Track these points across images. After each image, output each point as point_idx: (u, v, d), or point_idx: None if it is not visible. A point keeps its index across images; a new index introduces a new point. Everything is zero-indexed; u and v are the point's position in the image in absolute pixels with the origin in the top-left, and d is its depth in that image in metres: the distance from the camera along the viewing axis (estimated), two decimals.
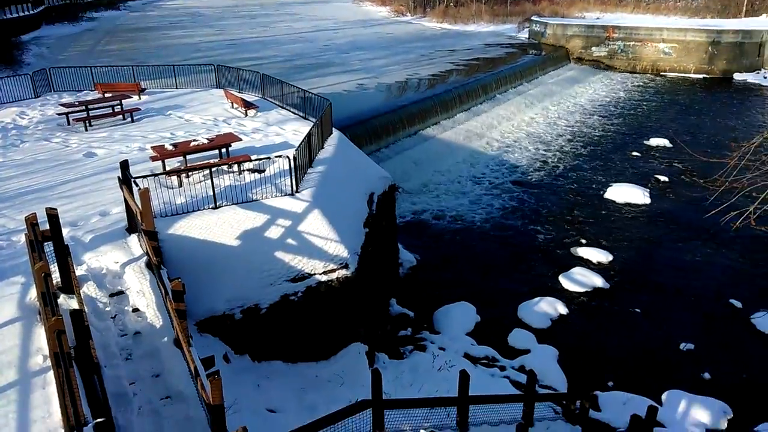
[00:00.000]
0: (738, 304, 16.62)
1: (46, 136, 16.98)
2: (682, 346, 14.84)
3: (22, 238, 10.13)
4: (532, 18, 61.31)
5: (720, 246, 20.00)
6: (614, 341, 15.15)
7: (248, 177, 13.32)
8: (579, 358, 14.35)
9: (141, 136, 16.89)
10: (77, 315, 7.06)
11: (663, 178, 26.38)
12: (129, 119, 18.71)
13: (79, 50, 45.60)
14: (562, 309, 16.31)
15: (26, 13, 53.60)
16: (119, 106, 19.21)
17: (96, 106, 18.78)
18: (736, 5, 62.25)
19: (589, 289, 17.38)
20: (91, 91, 22.06)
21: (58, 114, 18.76)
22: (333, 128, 17.25)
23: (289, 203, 12.11)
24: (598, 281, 17.66)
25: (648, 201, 23.72)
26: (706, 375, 13.82)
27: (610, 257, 19.22)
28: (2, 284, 9.29)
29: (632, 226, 21.79)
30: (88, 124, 17.94)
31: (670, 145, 30.86)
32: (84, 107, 18.45)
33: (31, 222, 8.99)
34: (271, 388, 10.49)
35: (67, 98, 21.06)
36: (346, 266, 11.71)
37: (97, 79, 22.51)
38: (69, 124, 18.10)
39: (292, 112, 19.12)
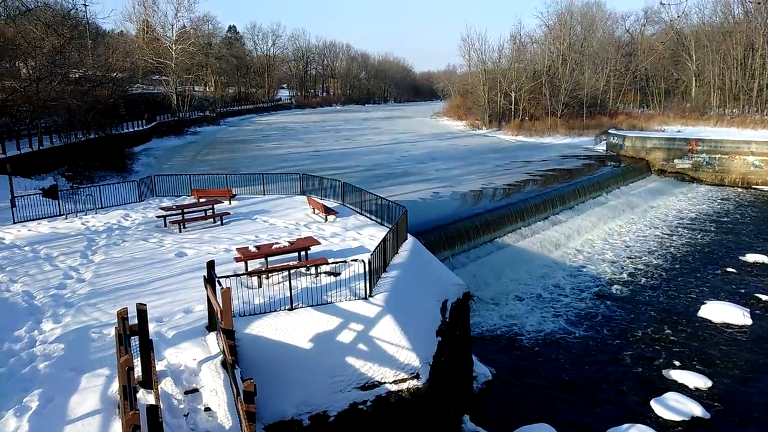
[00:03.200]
0: None
1: (144, 237, 18.40)
2: None
3: (112, 331, 10.67)
4: (610, 131, 61.57)
5: None
6: None
7: (324, 280, 13.58)
8: None
9: (228, 238, 17.90)
10: (153, 411, 7.19)
11: (764, 297, 24.20)
12: (219, 222, 20.00)
13: (181, 160, 50.40)
14: None
15: (140, 128, 60.63)
16: (211, 210, 20.66)
17: (190, 210, 20.33)
18: None
19: (686, 418, 15.62)
20: (188, 196, 24.01)
21: (157, 216, 20.41)
22: (408, 234, 17.52)
23: (362, 307, 12.13)
24: (696, 409, 15.88)
25: (749, 322, 21.68)
26: None
27: (709, 383, 17.38)
28: (89, 375, 9.70)
29: (732, 349, 19.81)
30: (182, 227, 19.33)
31: None
32: (180, 211, 20.02)
33: (122, 316, 9.51)
34: None
35: (166, 202, 22.98)
36: (417, 376, 11.32)
37: (194, 185, 24.56)
38: (166, 226, 19.59)
39: (370, 218, 19.73)
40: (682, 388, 17.19)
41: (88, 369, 9.88)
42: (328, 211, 20.09)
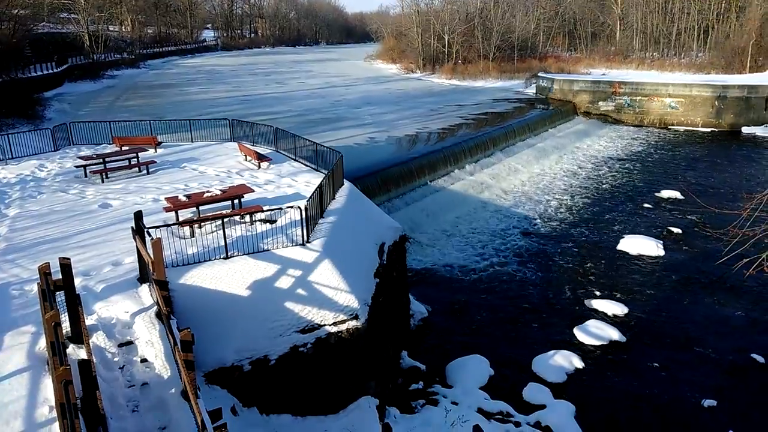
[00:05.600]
0: (761, 359, 16.12)
1: (63, 188, 17.34)
2: (704, 402, 14.32)
3: (35, 287, 10.17)
4: (539, 74, 62.85)
5: (738, 297, 19.61)
6: (633, 396, 14.66)
7: (260, 227, 13.42)
8: (597, 414, 13.87)
9: (156, 188, 17.19)
10: (85, 365, 7.01)
11: (676, 230, 26.20)
12: (145, 171, 19.10)
13: (99, 106, 47.18)
14: (578, 363, 15.90)
15: (50, 71, 55.88)
16: (135, 159, 19.65)
17: (113, 159, 19.25)
18: (740, 61, 63.47)
19: (605, 342, 16.99)
20: (109, 144, 22.66)
21: (76, 166, 19.21)
22: (344, 180, 17.47)
23: (300, 253, 12.14)
24: (614, 334, 17.28)
25: (662, 252, 23.49)
26: None
27: (626, 309, 18.88)
28: (13, 333, 9.27)
29: (647, 278, 21.49)
30: (104, 177, 18.32)
31: (682, 197, 30.83)
32: (101, 160, 18.91)
33: (44, 271, 9.06)
34: None
35: (85, 151, 21.63)
36: (356, 317, 11.59)
37: (115, 133, 23.15)
38: (86, 176, 18.51)
39: (305, 165, 19.45)
40: (601, 316, 18.58)
41: (11, 327, 9.43)
42: (261, 158, 19.60)
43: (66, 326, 9.12)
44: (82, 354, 8.56)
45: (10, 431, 7.32)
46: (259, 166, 19.46)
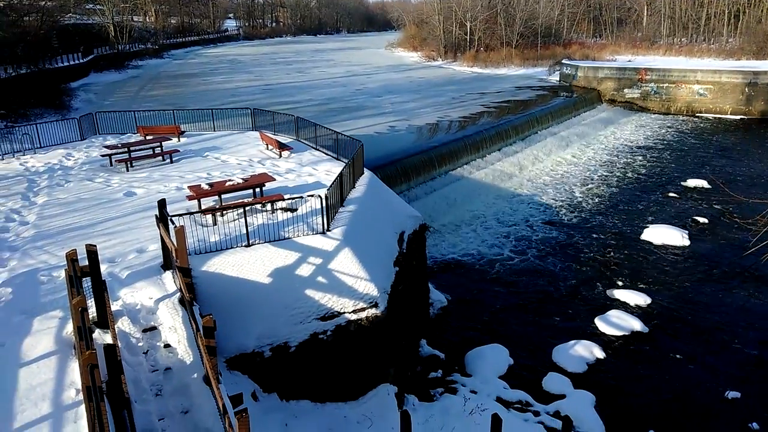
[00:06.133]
0: None
1: (89, 177, 17.69)
2: (727, 393, 14.08)
3: (62, 273, 10.44)
4: (563, 61, 61.75)
5: (763, 288, 19.17)
6: (655, 387, 14.49)
7: (281, 216, 13.53)
8: (617, 404, 13.75)
9: (179, 177, 17.43)
10: (110, 350, 7.19)
11: (702, 220, 25.67)
12: (168, 160, 19.37)
13: (124, 96, 47.87)
14: (599, 353, 15.76)
15: (76, 62, 56.81)
16: (159, 148, 19.94)
17: (137, 148, 19.56)
18: None
19: (626, 333, 16.79)
20: (134, 134, 23.02)
21: (102, 156, 19.58)
22: (364, 168, 17.48)
23: (320, 241, 12.22)
24: (636, 324, 17.06)
25: (687, 243, 23.05)
26: (755, 425, 13.02)
27: (648, 300, 18.61)
28: (41, 318, 9.54)
29: (671, 268, 21.12)
30: (129, 165, 18.64)
31: (709, 186, 30.14)
32: (126, 149, 19.23)
33: (71, 258, 9.28)
34: (299, 428, 10.35)
35: (110, 141, 22.02)
36: (375, 305, 11.64)
37: (139, 122, 23.51)
38: (111, 165, 18.85)
39: (325, 154, 19.50)
40: (624, 306, 18.36)
41: (40, 312, 9.70)
42: (282, 147, 19.71)
43: (92, 311, 9.35)
44: (108, 339, 8.78)
45: (38, 412, 7.55)
46: (281, 155, 19.57)
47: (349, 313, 11.42)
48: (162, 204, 11.57)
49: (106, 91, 50.42)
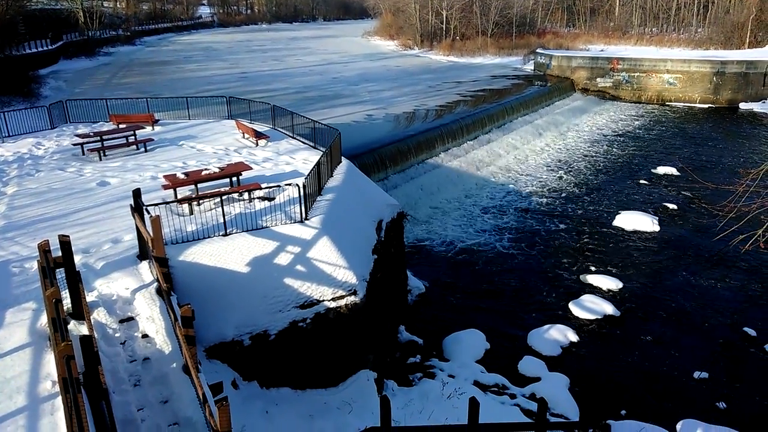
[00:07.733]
0: (752, 332, 16.36)
1: (60, 166, 17.33)
2: (695, 374, 14.59)
3: (35, 264, 10.27)
4: (537, 50, 62.23)
5: (732, 273, 19.82)
6: (626, 369, 14.93)
7: (258, 205, 13.48)
8: (591, 386, 14.14)
9: (153, 166, 17.19)
10: (86, 341, 7.12)
11: (671, 206, 26.32)
12: (142, 149, 19.06)
13: (95, 83, 46.75)
14: (573, 336, 16.14)
15: (45, 48, 55.18)
16: (133, 137, 19.60)
17: (110, 136, 19.20)
18: (740, 37, 62.91)
19: (599, 317, 17.21)
20: (106, 122, 22.56)
21: (74, 144, 19.17)
22: (342, 157, 17.47)
23: (298, 230, 12.22)
24: (608, 308, 17.49)
25: (657, 228, 23.63)
26: (722, 404, 13.54)
27: (620, 284, 19.08)
28: (14, 310, 9.39)
29: (642, 254, 21.66)
30: (102, 154, 18.30)
31: (678, 173, 30.88)
32: (99, 138, 18.86)
33: (44, 249, 9.13)
34: (280, 415, 10.41)
35: (82, 129, 21.54)
36: (354, 293, 11.73)
37: (112, 110, 23.04)
38: (84, 154, 18.48)
39: (302, 142, 19.42)
40: (596, 291, 18.80)
41: (12, 304, 9.54)
42: (258, 135, 19.56)
43: (67, 303, 9.23)
44: (84, 330, 8.69)
45: (13, 405, 7.46)
46: (257, 144, 19.42)
47: (329, 301, 11.49)
48: (137, 193, 11.43)
49: (77, 79, 49.17)
